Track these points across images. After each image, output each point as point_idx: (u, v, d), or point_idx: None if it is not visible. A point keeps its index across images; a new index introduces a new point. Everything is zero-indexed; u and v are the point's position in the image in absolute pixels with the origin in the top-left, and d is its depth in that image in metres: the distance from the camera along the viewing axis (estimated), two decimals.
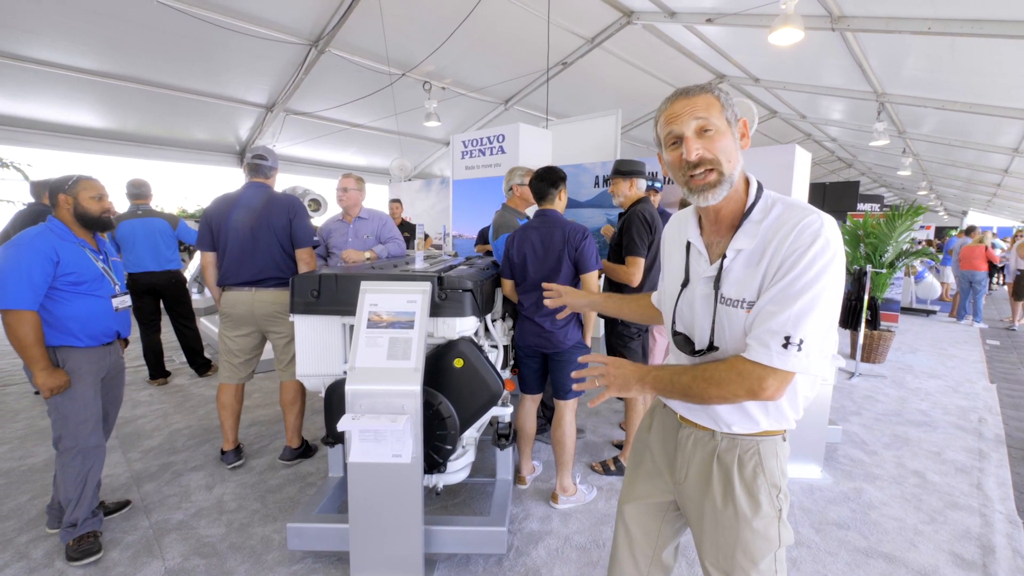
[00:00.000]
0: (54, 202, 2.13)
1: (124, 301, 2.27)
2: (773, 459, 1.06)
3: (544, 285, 1.63)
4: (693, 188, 1.00)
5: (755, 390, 0.94)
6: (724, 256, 1.03)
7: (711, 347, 1.05)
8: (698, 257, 1.10)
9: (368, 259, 3.10)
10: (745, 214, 1.02)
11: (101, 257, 2.20)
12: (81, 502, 2.11)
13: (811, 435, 2.81)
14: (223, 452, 2.90)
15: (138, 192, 4.21)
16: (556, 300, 1.53)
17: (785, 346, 0.91)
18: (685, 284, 1.13)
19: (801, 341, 0.90)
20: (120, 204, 3.98)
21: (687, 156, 0.98)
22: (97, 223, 2.18)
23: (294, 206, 2.78)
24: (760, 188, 1.05)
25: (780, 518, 1.06)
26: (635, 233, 2.61)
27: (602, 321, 2.93)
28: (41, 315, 2.01)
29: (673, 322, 1.16)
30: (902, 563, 2.14)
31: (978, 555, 2.21)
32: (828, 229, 0.93)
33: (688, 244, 1.13)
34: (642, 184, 2.81)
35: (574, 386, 1.16)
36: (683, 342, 1.13)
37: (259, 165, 2.80)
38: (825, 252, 0.91)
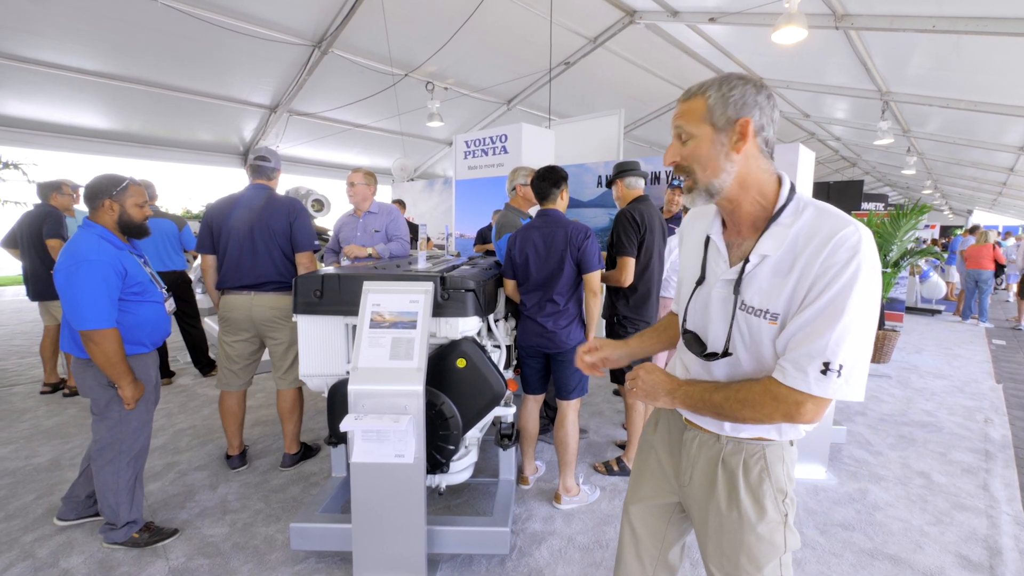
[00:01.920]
0: (95, 206, 2.00)
1: (172, 304, 2.26)
2: (779, 464, 1.04)
3: (584, 347, 1.41)
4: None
5: (792, 415, 0.92)
6: (747, 260, 0.98)
7: (725, 353, 1.02)
8: (717, 256, 1.06)
9: (370, 255, 3.10)
10: (774, 216, 0.96)
11: (143, 261, 2.17)
12: (134, 502, 2.14)
13: (815, 435, 2.79)
14: (228, 456, 2.89)
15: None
16: (594, 352, 1.38)
17: (824, 372, 0.87)
18: (700, 282, 1.09)
19: (841, 367, 0.86)
20: None
21: (664, 160, 1.06)
22: (138, 230, 2.12)
23: (294, 209, 2.73)
24: (792, 189, 0.98)
25: (786, 523, 1.04)
26: (621, 233, 2.62)
27: (603, 321, 2.92)
28: None
29: (684, 319, 1.13)
30: (908, 565, 2.13)
31: (985, 557, 2.19)
32: (866, 244, 0.87)
33: (707, 240, 1.09)
34: (632, 182, 2.80)
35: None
36: (693, 341, 1.09)
37: (261, 167, 2.77)
38: (863, 270, 0.86)
